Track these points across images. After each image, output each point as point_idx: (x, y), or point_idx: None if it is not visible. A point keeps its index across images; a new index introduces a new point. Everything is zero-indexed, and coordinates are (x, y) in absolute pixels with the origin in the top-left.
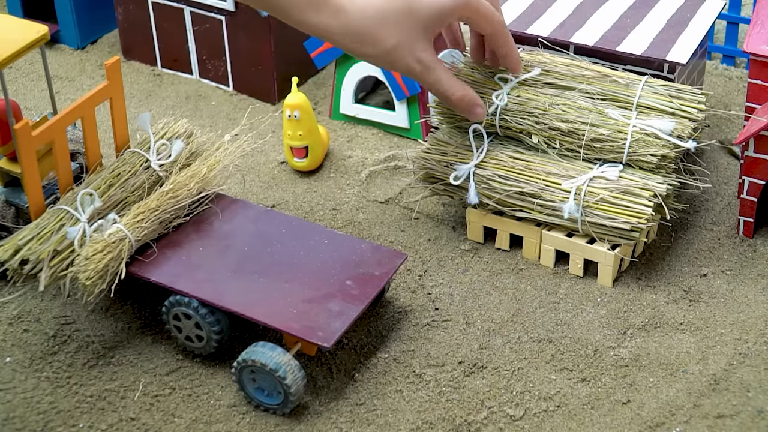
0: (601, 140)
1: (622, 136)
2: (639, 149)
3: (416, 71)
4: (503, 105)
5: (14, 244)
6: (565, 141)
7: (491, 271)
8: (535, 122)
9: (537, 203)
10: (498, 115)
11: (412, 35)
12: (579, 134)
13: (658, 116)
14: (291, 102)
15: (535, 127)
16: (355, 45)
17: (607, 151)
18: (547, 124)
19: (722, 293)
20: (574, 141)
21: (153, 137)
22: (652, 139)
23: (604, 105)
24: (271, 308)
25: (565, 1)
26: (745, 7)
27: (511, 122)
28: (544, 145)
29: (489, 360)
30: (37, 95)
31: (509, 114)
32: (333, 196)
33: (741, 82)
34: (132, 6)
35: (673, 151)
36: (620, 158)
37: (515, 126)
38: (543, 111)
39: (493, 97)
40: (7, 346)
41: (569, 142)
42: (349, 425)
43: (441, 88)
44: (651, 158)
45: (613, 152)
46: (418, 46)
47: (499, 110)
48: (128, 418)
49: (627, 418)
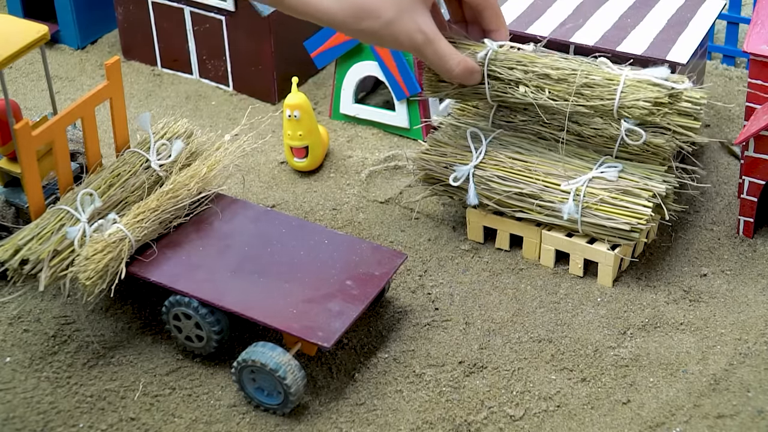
0: (592, 86)
1: (615, 82)
2: (630, 95)
3: (419, 42)
4: (494, 49)
5: (14, 244)
6: (554, 89)
7: (491, 271)
8: (524, 71)
9: (536, 204)
10: (486, 64)
11: (412, 4)
12: (569, 81)
13: (654, 67)
14: (291, 102)
15: (525, 75)
16: (354, 20)
17: (598, 98)
18: (537, 72)
19: (722, 293)
20: (564, 89)
21: (153, 137)
22: (645, 84)
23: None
24: (271, 308)
25: (565, 1)
26: (745, 7)
27: (500, 72)
28: (531, 96)
29: (489, 360)
30: (37, 95)
31: (497, 65)
32: (333, 196)
33: (741, 82)
34: (132, 6)
35: (666, 96)
36: (611, 106)
37: (504, 76)
38: (533, 60)
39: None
40: (7, 346)
41: (559, 90)
42: (349, 425)
43: (443, 59)
44: (644, 104)
45: (604, 99)
46: (418, 16)
47: (488, 59)
48: (128, 418)
49: (627, 418)
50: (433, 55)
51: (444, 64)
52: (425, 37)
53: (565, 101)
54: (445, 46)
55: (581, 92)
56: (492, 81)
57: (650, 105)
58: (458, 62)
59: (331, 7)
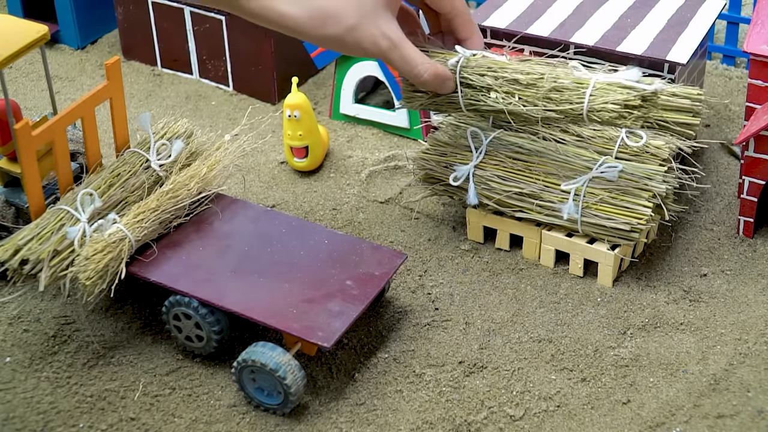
0: (561, 90)
1: (584, 86)
2: (599, 98)
3: (383, 47)
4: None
5: (14, 244)
6: (524, 94)
7: (491, 271)
8: (495, 77)
9: (536, 204)
10: (458, 72)
11: (375, 9)
12: (538, 86)
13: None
14: (291, 102)
15: (495, 81)
16: (316, 25)
17: (567, 101)
18: (506, 77)
19: (722, 293)
20: (533, 94)
21: (153, 137)
22: (615, 87)
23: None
24: (271, 308)
25: (565, 1)
26: (745, 7)
27: (471, 79)
28: (502, 102)
29: (489, 360)
30: (37, 95)
31: (469, 72)
32: (333, 196)
33: (741, 82)
34: (132, 6)
35: (636, 98)
36: (580, 110)
37: (476, 83)
38: (503, 66)
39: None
40: (7, 346)
41: (528, 96)
42: (349, 425)
43: (410, 65)
44: (612, 107)
45: (573, 103)
46: (382, 21)
47: (459, 66)
48: (128, 418)
49: (627, 418)
50: (400, 60)
51: (411, 70)
52: (390, 42)
53: (534, 106)
54: (412, 51)
55: (550, 97)
56: (465, 89)
57: (619, 108)
58: (426, 68)
59: (294, 13)
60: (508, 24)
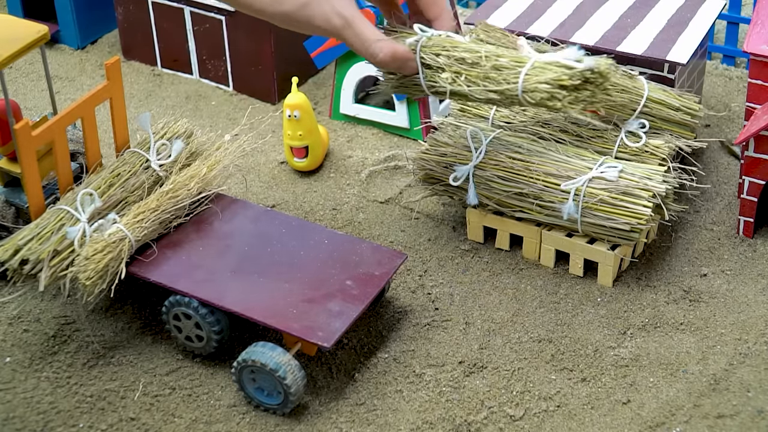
0: (500, 69)
1: (521, 64)
2: (534, 77)
3: (336, 25)
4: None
5: (14, 244)
6: (470, 74)
7: (491, 271)
8: (447, 56)
9: (536, 204)
10: (419, 52)
11: None
12: (481, 65)
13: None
14: (291, 102)
15: (447, 61)
16: (272, 2)
17: (505, 81)
18: (456, 56)
19: (722, 293)
20: (476, 74)
21: (153, 137)
22: (552, 66)
23: None
24: (271, 308)
25: (565, 1)
26: (745, 7)
27: (428, 59)
28: (450, 83)
29: (489, 360)
30: (37, 95)
31: (427, 52)
32: (333, 196)
33: (741, 82)
34: (132, 6)
35: (570, 77)
36: (516, 90)
37: (432, 63)
38: (455, 45)
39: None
40: (7, 346)
41: (473, 75)
42: (349, 425)
43: (365, 44)
44: (544, 86)
45: (510, 83)
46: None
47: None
48: (128, 418)
49: (627, 418)
50: (354, 38)
51: (367, 49)
52: (344, 20)
53: (477, 86)
54: (367, 30)
55: (490, 76)
56: (425, 69)
57: (550, 87)
58: (381, 47)
59: None
60: (508, 24)
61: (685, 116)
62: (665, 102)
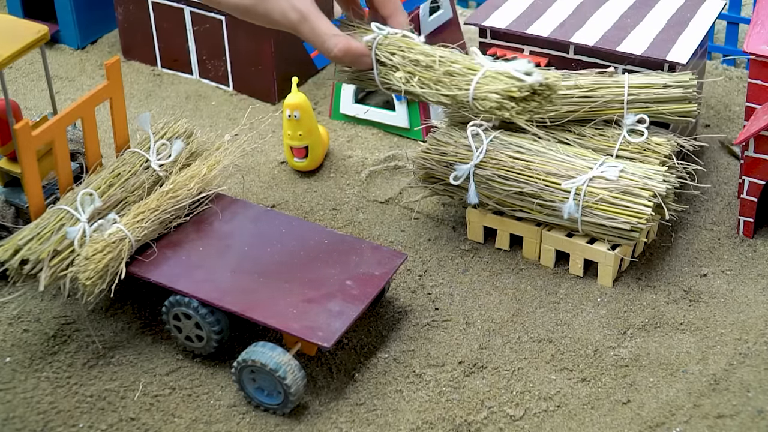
0: (453, 74)
1: (473, 72)
2: (485, 86)
3: (293, 19)
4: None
5: (14, 244)
6: (423, 76)
7: (491, 271)
8: (402, 56)
9: (537, 203)
10: (374, 49)
11: None
12: (435, 69)
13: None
14: (291, 102)
15: (402, 61)
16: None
17: (456, 86)
18: (410, 58)
19: (722, 293)
20: (430, 77)
21: (153, 137)
22: (502, 77)
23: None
24: (271, 308)
25: (565, 1)
26: (745, 7)
27: (383, 57)
28: (403, 83)
29: (489, 360)
30: (37, 95)
31: (382, 50)
32: (333, 196)
33: (741, 82)
34: (132, 6)
35: (519, 89)
36: (466, 96)
37: (386, 61)
38: (411, 46)
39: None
40: (7, 346)
41: (426, 78)
42: (349, 425)
43: (321, 39)
44: (494, 96)
45: (461, 89)
46: None
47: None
48: (128, 418)
49: (627, 418)
50: (310, 33)
51: (322, 44)
52: (300, 15)
53: (430, 89)
54: (322, 25)
55: (442, 80)
56: (380, 66)
57: (499, 97)
58: (336, 42)
59: None
60: (508, 24)
61: (676, 90)
62: (651, 84)
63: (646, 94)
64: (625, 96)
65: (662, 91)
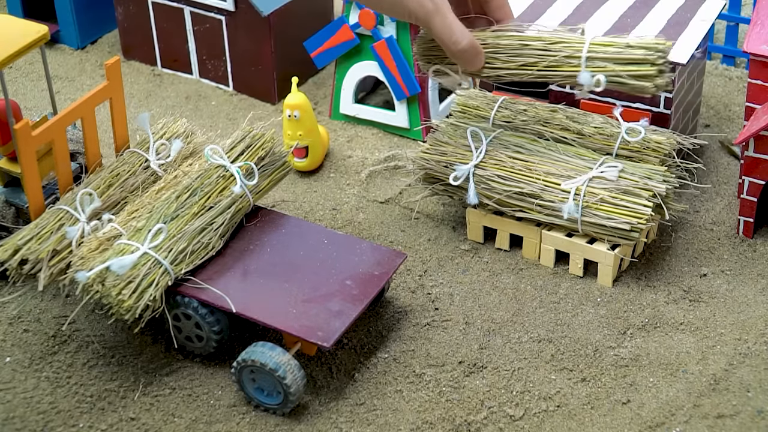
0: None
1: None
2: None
3: (429, 10)
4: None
5: (14, 244)
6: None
7: (491, 271)
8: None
9: (536, 203)
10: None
11: None
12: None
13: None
14: (291, 102)
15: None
16: None
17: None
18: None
19: (722, 293)
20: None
21: (152, 137)
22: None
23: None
24: (271, 308)
25: (565, 1)
26: (745, 7)
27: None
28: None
29: (489, 360)
30: (37, 95)
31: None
32: (333, 196)
33: (741, 82)
34: (132, 6)
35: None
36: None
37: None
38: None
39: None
40: (7, 346)
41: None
42: (349, 425)
43: (451, 30)
44: None
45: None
46: None
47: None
48: (128, 418)
49: (627, 418)
50: (441, 24)
51: (451, 35)
52: (435, 6)
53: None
54: (453, 18)
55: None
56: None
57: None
58: (465, 35)
59: None
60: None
61: (637, 51)
62: (612, 43)
63: (605, 52)
64: (584, 52)
65: (623, 50)
